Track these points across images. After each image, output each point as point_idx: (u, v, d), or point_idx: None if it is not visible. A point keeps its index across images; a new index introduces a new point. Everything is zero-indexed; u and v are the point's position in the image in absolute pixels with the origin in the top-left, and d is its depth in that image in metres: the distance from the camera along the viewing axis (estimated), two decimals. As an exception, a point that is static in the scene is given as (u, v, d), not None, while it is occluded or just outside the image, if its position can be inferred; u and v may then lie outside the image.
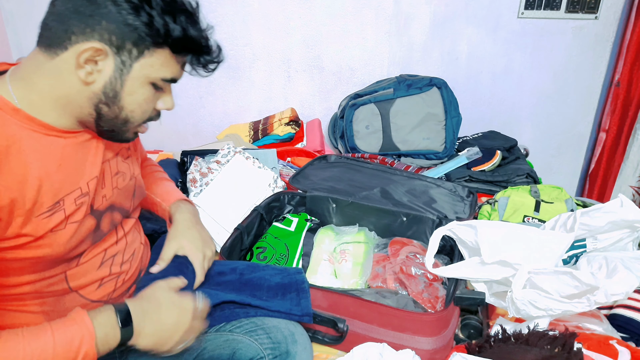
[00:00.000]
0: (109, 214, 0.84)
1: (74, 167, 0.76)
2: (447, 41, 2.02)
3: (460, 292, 0.95)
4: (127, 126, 0.77)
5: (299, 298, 0.92)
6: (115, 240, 0.86)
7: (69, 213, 0.74)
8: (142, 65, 0.72)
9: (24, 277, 0.73)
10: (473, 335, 1.03)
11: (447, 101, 1.86)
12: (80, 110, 0.73)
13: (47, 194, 0.71)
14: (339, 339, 0.97)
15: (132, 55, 0.71)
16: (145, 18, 0.69)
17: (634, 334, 1.01)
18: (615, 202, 1.04)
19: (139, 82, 0.73)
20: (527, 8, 1.94)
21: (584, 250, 1.09)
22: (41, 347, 0.64)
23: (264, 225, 1.32)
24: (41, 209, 0.70)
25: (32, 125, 0.71)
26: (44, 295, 0.76)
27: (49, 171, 0.72)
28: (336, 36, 2.02)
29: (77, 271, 0.79)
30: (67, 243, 0.74)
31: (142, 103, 0.76)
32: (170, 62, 0.75)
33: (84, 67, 0.69)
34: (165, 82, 0.76)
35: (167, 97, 0.80)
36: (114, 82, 0.72)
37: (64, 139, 0.75)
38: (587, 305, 0.88)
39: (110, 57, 0.70)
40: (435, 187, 1.55)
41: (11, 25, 2.03)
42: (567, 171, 2.28)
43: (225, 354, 0.84)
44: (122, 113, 0.75)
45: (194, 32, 0.74)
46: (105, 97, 0.73)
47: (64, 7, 0.68)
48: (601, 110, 2.10)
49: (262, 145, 1.92)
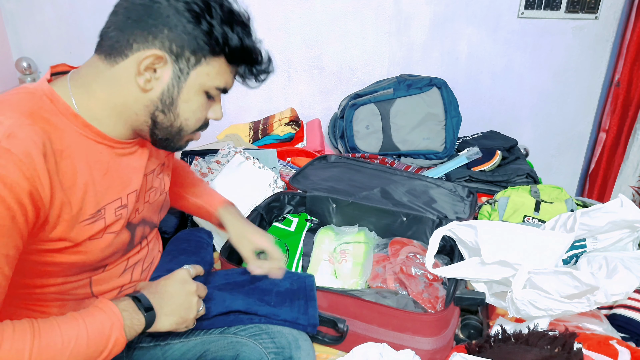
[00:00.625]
0: (142, 227, 0.86)
1: (118, 177, 0.78)
2: (447, 41, 2.02)
3: (460, 292, 0.95)
4: (180, 134, 0.79)
5: (307, 306, 0.92)
6: (139, 249, 0.88)
7: (108, 223, 0.76)
8: (199, 73, 0.74)
9: (51, 280, 0.74)
10: (473, 336, 1.03)
11: (447, 101, 1.86)
12: (136, 118, 0.75)
13: (91, 201, 0.72)
14: (339, 339, 0.97)
15: (189, 63, 0.72)
16: (206, 27, 0.70)
17: (634, 334, 1.01)
18: (615, 202, 1.04)
19: (195, 90, 0.75)
20: (527, 8, 1.94)
21: (584, 250, 1.09)
22: (76, 334, 0.65)
23: (264, 225, 1.32)
24: (84, 216, 0.72)
25: (87, 132, 0.73)
26: (66, 298, 0.77)
27: (95, 179, 0.73)
28: (336, 36, 2.02)
29: (102, 277, 0.81)
30: (102, 252, 0.76)
31: (197, 111, 0.77)
32: (225, 72, 0.76)
33: (144, 74, 0.71)
34: (217, 91, 0.78)
35: (217, 106, 0.81)
36: (171, 89, 0.73)
37: (113, 148, 0.77)
38: (587, 305, 0.88)
39: (169, 64, 0.72)
40: (435, 187, 1.55)
41: (11, 25, 2.03)
42: (567, 171, 2.28)
43: (228, 356, 0.84)
44: (177, 121, 0.76)
45: (249, 43, 0.76)
46: (162, 104, 0.74)
47: (126, 16, 0.71)
48: (601, 110, 2.10)
49: (262, 145, 1.92)
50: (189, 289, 0.80)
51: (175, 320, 0.77)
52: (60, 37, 2.05)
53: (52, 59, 2.09)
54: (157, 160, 0.91)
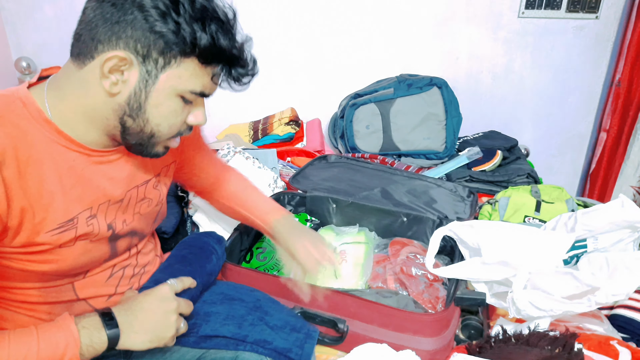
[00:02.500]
0: (128, 238, 0.83)
1: (92, 186, 0.74)
2: (447, 41, 2.02)
3: (461, 293, 0.95)
4: (153, 140, 0.73)
5: (304, 342, 0.86)
6: (127, 256, 0.85)
7: (80, 233, 0.72)
8: (169, 76, 0.68)
9: (29, 284, 0.73)
10: (473, 336, 1.03)
11: (448, 101, 1.85)
12: (107, 122, 0.71)
13: (59, 210, 0.70)
14: (339, 339, 0.97)
15: (158, 65, 0.67)
16: (172, 25, 0.65)
17: (634, 335, 1.00)
18: (616, 202, 1.04)
19: (165, 93, 0.69)
20: (527, 8, 1.93)
21: (585, 250, 1.09)
22: (25, 352, 0.63)
23: (264, 225, 1.32)
24: (52, 224, 0.69)
25: (59, 138, 0.70)
26: (52, 302, 0.75)
27: (65, 187, 0.70)
28: (336, 36, 2.02)
29: (85, 283, 0.78)
30: (75, 260, 0.73)
31: (169, 116, 0.71)
32: (199, 74, 0.70)
33: (109, 77, 0.67)
34: (195, 96, 0.72)
35: (198, 111, 0.75)
36: (138, 93, 0.68)
37: (89, 156, 0.73)
38: (587, 305, 0.88)
39: (136, 66, 0.67)
40: (435, 187, 1.55)
41: (11, 25, 2.03)
42: (567, 171, 2.27)
43: (228, 357, 0.84)
44: (147, 127, 0.71)
45: (225, 42, 0.69)
46: (129, 109, 0.69)
47: (92, 14, 0.66)
48: (602, 110, 2.10)
49: (262, 145, 1.92)
50: (167, 306, 0.74)
51: (149, 338, 0.72)
52: (60, 37, 2.05)
53: (52, 59, 2.09)
54: (152, 171, 0.86)
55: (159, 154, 0.77)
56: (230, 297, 0.92)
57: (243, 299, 0.92)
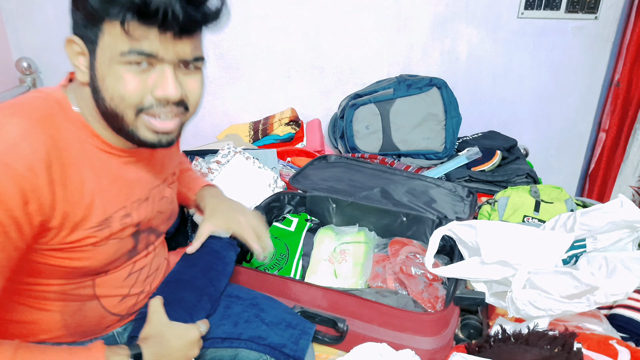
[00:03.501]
0: (146, 234, 0.85)
1: (124, 186, 0.77)
2: (447, 41, 2.02)
3: (460, 292, 0.95)
4: (124, 122, 0.70)
5: (299, 338, 0.87)
6: (145, 254, 0.87)
7: (114, 231, 0.75)
8: (102, 47, 0.66)
9: (52, 280, 0.74)
10: (473, 335, 1.03)
11: (447, 101, 1.86)
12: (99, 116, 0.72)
13: (98, 210, 0.72)
14: (339, 338, 0.97)
15: (93, 39, 0.67)
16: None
17: (633, 334, 1.01)
18: (615, 202, 1.04)
19: (105, 65, 0.67)
20: (527, 8, 1.94)
21: (584, 250, 1.09)
22: None
23: (264, 225, 1.32)
24: (90, 224, 0.71)
25: (94, 140, 0.73)
26: (68, 298, 0.77)
27: (103, 187, 0.73)
28: (336, 36, 2.02)
29: (105, 280, 0.80)
30: (106, 258, 0.76)
31: (116, 85, 0.67)
32: (118, 32, 0.65)
33: (76, 65, 0.70)
34: (137, 56, 0.66)
35: (164, 81, 0.68)
36: (91, 72, 0.69)
37: (119, 157, 0.76)
38: (587, 305, 0.88)
39: (83, 47, 0.68)
40: (435, 187, 1.55)
41: (11, 25, 2.03)
42: (567, 171, 2.28)
43: (227, 356, 0.85)
44: (107, 103, 0.69)
45: None
46: (93, 92, 0.70)
47: None
48: (601, 110, 2.10)
49: (262, 145, 1.92)
50: (192, 352, 0.77)
51: None
52: (60, 37, 2.04)
53: (52, 59, 2.09)
54: (169, 170, 0.90)
55: (149, 140, 0.72)
56: (227, 295, 0.94)
57: (240, 296, 0.94)
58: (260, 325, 0.86)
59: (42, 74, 2.12)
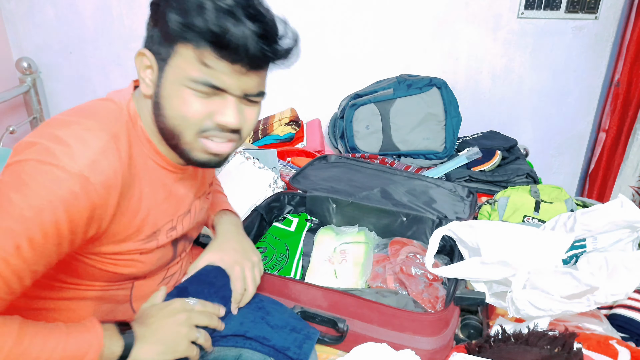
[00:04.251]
0: (183, 242, 0.87)
1: (175, 201, 0.79)
2: (447, 41, 2.02)
3: (460, 292, 0.95)
4: (182, 140, 0.72)
5: (303, 342, 0.87)
6: (178, 260, 0.89)
7: (161, 244, 0.77)
8: (172, 67, 0.68)
9: (97, 283, 0.75)
10: (473, 335, 1.03)
11: (447, 101, 1.86)
12: (158, 133, 0.74)
13: (150, 224, 0.74)
14: (339, 338, 0.97)
15: (164, 57, 0.69)
16: (161, 15, 0.67)
17: (634, 334, 1.01)
18: (615, 202, 1.04)
19: (173, 86, 0.68)
20: (527, 8, 1.94)
21: (584, 250, 1.09)
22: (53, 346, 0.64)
23: (264, 225, 1.32)
24: (140, 237, 0.73)
25: (155, 157, 0.75)
26: (104, 300, 0.78)
27: (157, 202, 0.75)
28: (336, 36, 2.02)
29: (142, 284, 0.81)
30: (149, 267, 0.78)
31: (179, 107, 0.69)
32: (196, 60, 0.66)
33: (143, 77, 0.71)
34: (208, 88, 0.68)
35: (226, 109, 0.70)
36: (156, 89, 0.71)
37: (174, 173, 0.78)
38: (587, 305, 0.88)
39: (153, 62, 0.70)
40: (435, 187, 1.55)
41: (11, 25, 2.03)
42: (567, 171, 2.28)
43: (231, 355, 0.84)
44: (168, 121, 0.70)
45: (198, 20, 0.63)
46: (154, 107, 0.71)
47: None
48: (601, 110, 2.10)
49: (262, 145, 1.92)
50: (177, 319, 0.75)
51: (161, 349, 0.72)
52: (60, 37, 2.05)
53: (52, 59, 2.09)
54: (207, 182, 0.93)
55: (202, 161, 0.74)
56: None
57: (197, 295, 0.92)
58: (265, 327, 0.86)
59: (42, 74, 2.12)
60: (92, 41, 2.05)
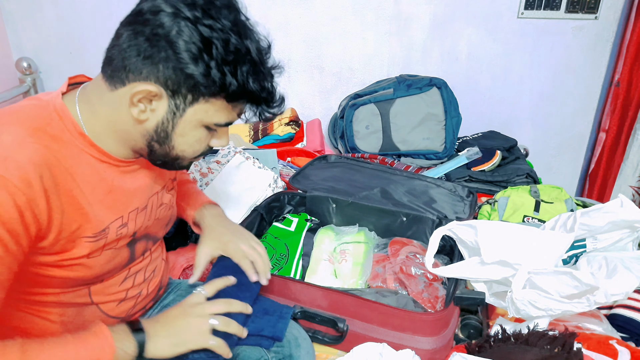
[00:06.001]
0: (144, 242, 0.85)
1: (121, 195, 0.77)
2: (447, 41, 2.02)
3: (460, 292, 0.95)
4: (179, 162, 0.78)
5: (277, 322, 0.88)
6: (141, 259, 0.87)
7: (109, 241, 0.75)
8: (196, 110, 0.70)
9: (49, 290, 0.74)
10: (473, 335, 1.03)
11: (447, 101, 1.86)
12: (135, 143, 0.74)
13: (93, 221, 0.71)
14: (339, 338, 0.97)
15: (186, 100, 0.69)
16: (203, 68, 0.66)
17: (633, 334, 1.01)
18: (615, 202, 1.04)
19: (191, 125, 0.72)
20: (527, 8, 1.94)
21: (584, 250, 1.09)
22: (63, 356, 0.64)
23: (264, 225, 1.32)
24: (85, 233, 0.71)
25: (92, 151, 0.72)
26: (65, 305, 0.77)
27: (99, 197, 0.73)
28: (336, 36, 2.02)
29: (101, 287, 0.80)
30: (101, 268, 0.76)
31: (194, 144, 0.75)
32: (226, 109, 0.72)
33: (138, 105, 0.69)
34: (225, 126, 0.75)
35: (222, 136, 0.78)
36: (165, 123, 0.71)
37: (118, 167, 0.76)
38: (587, 305, 0.88)
39: (165, 99, 0.69)
40: (435, 187, 1.55)
41: (11, 25, 2.03)
42: (567, 171, 2.28)
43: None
44: (173, 152, 0.75)
45: (254, 85, 0.69)
46: (156, 136, 0.72)
47: (127, 44, 0.67)
48: (601, 110, 2.10)
49: (262, 145, 1.92)
50: (190, 311, 0.77)
51: (174, 341, 0.74)
52: (60, 37, 2.05)
53: (52, 59, 2.09)
54: (166, 177, 0.90)
55: (183, 168, 0.81)
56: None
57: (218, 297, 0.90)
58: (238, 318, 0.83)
59: (42, 74, 2.12)
60: (92, 41, 2.05)
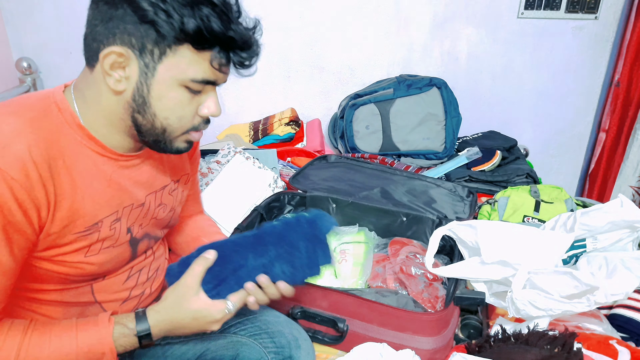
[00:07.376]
0: (146, 241, 0.84)
1: (118, 190, 0.75)
2: (447, 41, 2.02)
3: (460, 292, 0.95)
4: (168, 135, 0.72)
5: (314, 249, 0.77)
6: (143, 258, 0.87)
7: (103, 237, 0.73)
8: (167, 66, 0.67)
9: (50, 286, 0.74)
10: (473, 335, 1.03)
11: (447, 101, 1.86)
12: (123, 123, 0.71)
13: (88, 214, 0.71)
14: (339, 338, 0.97)
15: (154, 56, 0.66)
16: (162, 14, 0.63)
17: (633, 334, 1.01)
18: (615, 202, 1.04)
19: (167, 85, 0.68)
20: (526, 8, 1.94)
21: (584, 250, 1.09)
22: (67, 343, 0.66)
23: (264, 225, 1.32)
24: (79, 228, 0.70)
25: (90, 143, 0.71)
26: (68, 304, 0.77)
27: (96, 191, 0.72)
28: (336, 36, 2.02)
29: (103, 285, 0.79)
30: (100, 267, 0.75)
31: (175, 108, 0.70)
32: (196, 60, 0.67)
33: (112, 74, 0.67)
34: (200, 84, 0.69)
35: (210, 101, 0.73)
36: (141, 87, 0.68)
37: (116, 160, 0.75)
38: (587, 305, 0.88)
39: (134, 60, 0.66)
40: (435, 187, 1.55)
41: (11, 25, 2.03)
42: (567, 171, 2.28)
43: (228, 355, 0.84)
44: (157, 121, 0.70)
45: (216, 25, 0.65)
46: (136, 105, 0.69)
47: (92, 15, 0.66)
48: (601, 110, 2.10)
49: (262, 145, 1.92)
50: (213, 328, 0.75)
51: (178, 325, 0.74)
52: (60, 37, 2.05)
53: (52, 59, 2.09)
54: (169, 178, 0.87)
55: (181, 149, 0.76)
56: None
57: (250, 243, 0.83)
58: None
59: (42, 74, 2.11)
60: (92, 41, 2.04)
